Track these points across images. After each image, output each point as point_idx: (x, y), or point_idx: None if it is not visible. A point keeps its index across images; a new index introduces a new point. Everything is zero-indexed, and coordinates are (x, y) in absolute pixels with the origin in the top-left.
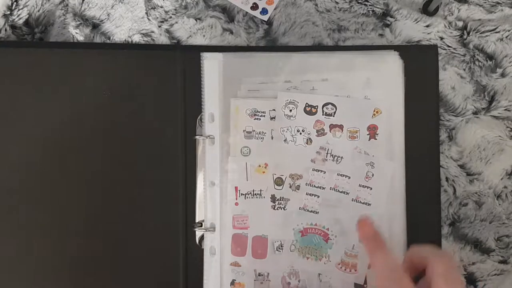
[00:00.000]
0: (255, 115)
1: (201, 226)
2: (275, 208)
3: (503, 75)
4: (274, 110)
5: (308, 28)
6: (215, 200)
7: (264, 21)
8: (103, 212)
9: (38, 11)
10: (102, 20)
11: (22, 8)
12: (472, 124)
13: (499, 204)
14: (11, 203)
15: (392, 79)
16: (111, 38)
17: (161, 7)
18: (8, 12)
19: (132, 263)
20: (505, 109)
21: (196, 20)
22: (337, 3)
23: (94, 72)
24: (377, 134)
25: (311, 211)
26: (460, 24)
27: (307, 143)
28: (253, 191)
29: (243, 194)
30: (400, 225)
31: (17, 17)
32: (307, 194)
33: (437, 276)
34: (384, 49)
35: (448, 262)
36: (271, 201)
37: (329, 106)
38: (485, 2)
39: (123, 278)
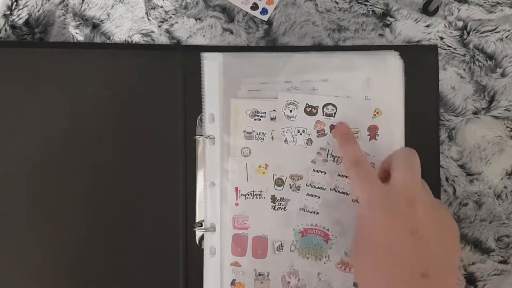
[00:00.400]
0: (255, 115)
1: (201, 226)
2: (275, 209)
3: (503, 75)
4: (274, 110)
5: (308, 28)
6: (215, 200)
7: (264, 21)
8: (102, 212)
9: (38, 11)
10: (102, 20)
11: (22, 8)
12: (472, 124)
13: (499, 204)
14: (11, 202)
15: (392, 79)
16: (111, 38)
17: (161, 7)
18: (8, 12)
19: (132, 263)
20: (505, 109)
21: (196, 20)
22: (337, 3)
23: (94, 72)
24: (378, 135)
25: (311, 212)
26: (460, 24)
27: (307, 144)
28: (253, 191)
29: (243, 195)
30: None
31: (17, 17)
32: (307, 194)
33: (395, 163)
34: (384, 49)
35: (406, 152)
36: (271, 201)
37: (330, 106)
38: (485, 2)
39: (123, 278)
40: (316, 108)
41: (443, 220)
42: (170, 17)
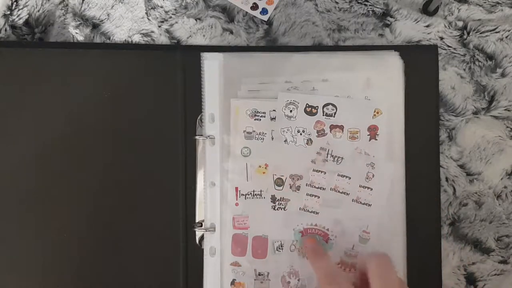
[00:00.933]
0: (255, 115)
1: (201, 226)
2: (275, 209)
3: (503, 75)
4: (274, 110)
5: (308, 28)
6: (215, 200)
7: (264, 21)
8: (103, 212)
9: (38, 11)
10: (102, 20)
11: (22, 8)
12: (472, 124)
13: (499, 204)
14: (10, 203)
15: (392, 79)
16: (111, 38)
17: (161, 7)
18: (8, 12)
19: (132, 263)
20: (505, 109)
21: (196, 20)
22: (337, 3)
23: (94, 72)
24: (378, 135)
25: (311, 212)
26: (460, 24)
27: (307, 144)
28: (253, 191)
29: (243, 195)
30: (400, 226)
31: (17, 17)
32: (307, 194)
33: (372, 275)
34: (384, 49)
35: (380, 262)
36: (271, 201)
37: (330, 106)
38: (485, 2)
39: (123, 278)
40: (316, 108)
41: None
42: (170, 17)
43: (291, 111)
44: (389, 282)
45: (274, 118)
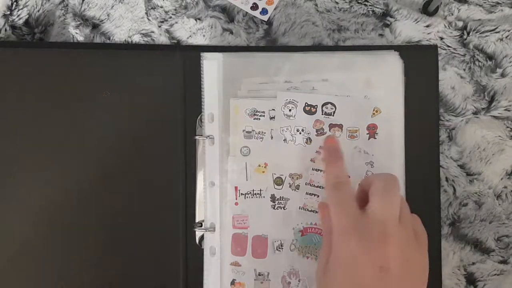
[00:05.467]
0: (254, 115)
1: (201, 226)
2: (275, 208)
3: (503, 75)
4: (273, 109)
5: (308, 28)
6: (215, 200)
7: (264, 21)
8: (102, 211)
9: (38, 11)
10: (102, 20)
11: (22, 8)
12: (472, 124)
13: (499, 204)
14: (11, 202)
15: (392, 79)
16: (111, 38)
17: (161, 7)
18: (8, 12)
19: (132, 263)
20: (505, 109)
21: (196, 20)
22: (337, 3)
23: (94, 72)
24: (377, 134)
25: (311, 211)
26: (460, 24)
27: (306, 143)
28: (253, 191)
29: (243, 194)
30: None
31: (17, 17)
32: (307, 193)
33: (375, 189)
34: (384, 49)
35: (387, 179)
36: (271, 200)
37: (329, 105)
38: (485, 2)
39: (123, 278)
40: (315, 107)
41: (414, 258)
42: (170, 17)
43: (290, 110)
44: (389, 203)
45: (274, 117)
